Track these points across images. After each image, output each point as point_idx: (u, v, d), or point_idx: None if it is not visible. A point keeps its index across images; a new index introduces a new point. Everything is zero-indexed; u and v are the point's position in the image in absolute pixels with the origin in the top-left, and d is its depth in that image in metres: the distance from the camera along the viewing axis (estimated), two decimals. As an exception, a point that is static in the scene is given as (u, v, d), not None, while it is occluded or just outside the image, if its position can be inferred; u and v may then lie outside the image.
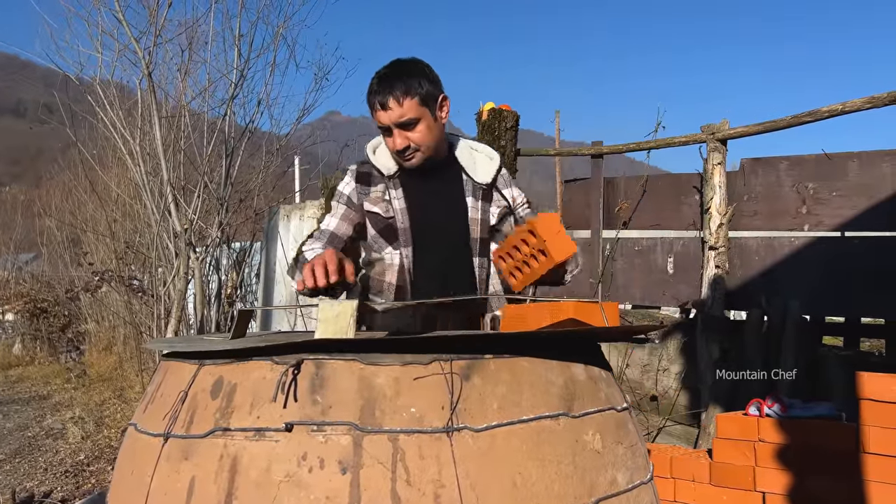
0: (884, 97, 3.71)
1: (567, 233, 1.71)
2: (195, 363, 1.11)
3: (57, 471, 4.62)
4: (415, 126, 1.85)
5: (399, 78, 1.82)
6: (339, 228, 1.98)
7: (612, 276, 4.86)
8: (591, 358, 1.28)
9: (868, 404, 2.44)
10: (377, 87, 1.83)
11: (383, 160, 1.97)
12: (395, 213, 1.94)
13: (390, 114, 1.82)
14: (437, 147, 1.92)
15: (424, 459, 0.99)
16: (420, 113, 1.84)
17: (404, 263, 1.94)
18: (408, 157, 1.89)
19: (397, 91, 1.81)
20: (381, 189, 1.97)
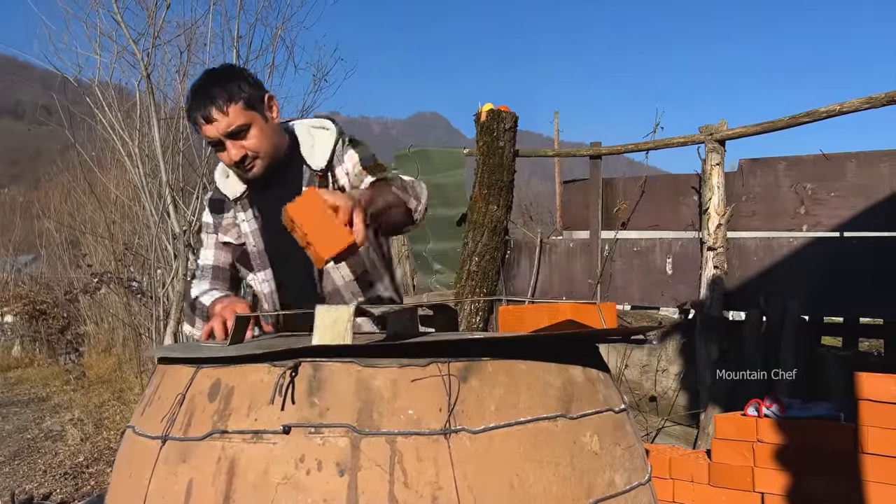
0: (881, 97, 3.71)
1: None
2: (192, 366, 1.11)
3: (56, 473, 4.62)
4: (247, 132, 1.71)
5: (217, 86, 1.69)
6: (217, 259, 1.89)
7: (611, 276, 4.86)
8: (589, 359, 1.28)
9: (867, 405, 2.44)
10: (195, 101, 1.69)
11: (231, 185, 1.85)
12: (244, 238, 1.84)
13: (217, 125, 1.68)
14: (277, 148, 1.78)
15: (422, 461, 0.99)
16: (249, 118, 1.71)
17: (265, 288, 1.85)
18: (248, 168, 1.74)
19: (219, 100, 1.67)
20: (230, 215, 1.86)
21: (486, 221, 5.01)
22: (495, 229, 5.02)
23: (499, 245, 5.07)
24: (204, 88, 1.69)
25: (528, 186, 22.75)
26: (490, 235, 5.01)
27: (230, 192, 1.84)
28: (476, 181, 5.11)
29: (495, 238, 5.03)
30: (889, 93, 3.69)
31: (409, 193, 1.66)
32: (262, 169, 1.76)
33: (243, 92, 1.70)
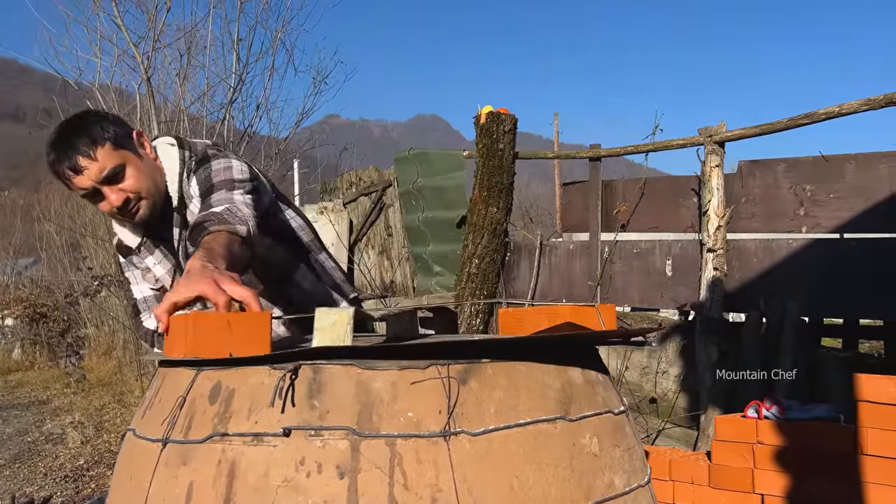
0: (880, 99, 3.72)
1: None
2: (193, 368, 1.11)
3: (57, 476, 4.62)
4: (122, 173, 1.57)
5: (76, 134, 1.55)
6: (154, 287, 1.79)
7: (611, 278, 4.86)
8: (589, 361, 1.29)
9: (866, 406, 2.45)
10: (58, 153, 1.54)
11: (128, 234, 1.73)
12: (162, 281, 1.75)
13: (88, 173, 1.54)
14: (158, 184, 1.64)
15: (422, 464, 0.99)
16: (121, 157, 1.57)
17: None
18: (134, 212, 1.60)
19: (82, 146, 1.53)
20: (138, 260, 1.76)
21: (486, 223, 5.01)
22: (495, 231, 5.03)
23: (499, 247, 5.07)
24: (63, 139, 1.54)
25: (528, 188, 22.77)
26: (490, 237, 5.02)
27: (130, 241, 1.72)
28: (476, 183, 5.12)
29: (495, 240, 5.04)
30: (887, 94, 3.69)
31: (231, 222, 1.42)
32: (149, 209, 1.62)
33: (107, 132, 1.56)
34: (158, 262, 1.71)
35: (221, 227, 1.38)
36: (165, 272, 1.72)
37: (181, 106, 5.80)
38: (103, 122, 1.58)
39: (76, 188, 1.58)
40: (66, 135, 1.55)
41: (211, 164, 1.61)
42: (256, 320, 1.10)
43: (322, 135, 8.96)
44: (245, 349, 1.07)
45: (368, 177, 6.65)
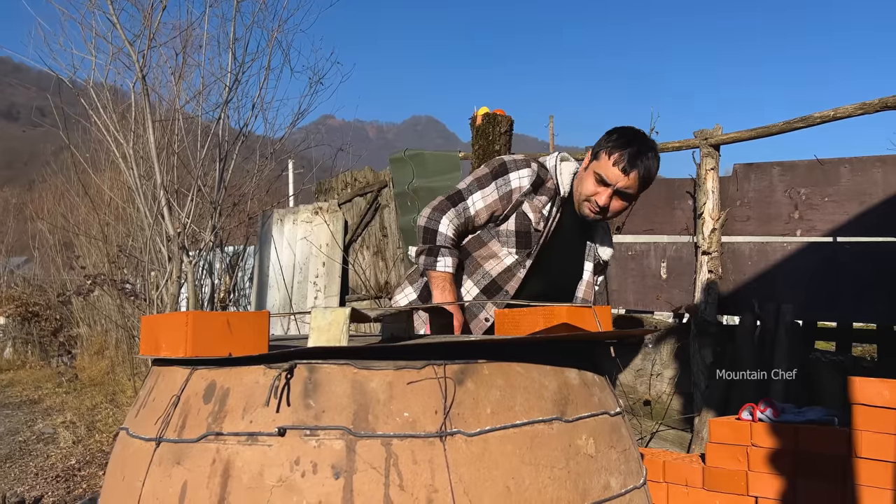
0: (875, 103, 3.73)
1: None
2: (187, 367, 1.11)
3: (48, 476, 4.59)
4: (624, 199, 1.97)
5: (648, 157, 1.93)
6: (478, 215, 2.01)
7: (606, 280, 4.86)
8: (585, 362, 1.28)
9: (860, 409, 2.45)
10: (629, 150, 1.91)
11: (565, 180, 2.04)
12: (543, 230, 2.00)
13: (622, 181, 1.92)
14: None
15: (417, 464, 0.99)
16: (636, 192, 1.98)
17: (515, 269, 2.00)
18: (592, 213, 1.98)
19: (643, 169, 1.92)
20: (543, 201, 2.01)
21: (482, 225, 5.00)
22: (490, 233, 5.02)
23: (494, 249, 5.06)
24: (642, 149, 1.92)
25: (523, 190, 22.80)
26: (485, 239, 5.01)
27: (564, 188, 2.03)
28: (471, 185, 5.10)
29: (490, 241, 5.03)
30: (882, 99, 3.71)
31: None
32: (593, 220, 2.02)
33: (651, 173, 1.96)
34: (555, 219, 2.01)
35: None
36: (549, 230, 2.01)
37: (176, 105, 5.78)
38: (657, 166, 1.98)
39: (606, 174, 1.93)
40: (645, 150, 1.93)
41: None
42: (255, 320, 1.09)
43: (317, 135, 8.94)
44: (243, 349, 1.07)
45: (364, 177, 6.64)
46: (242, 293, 7.44)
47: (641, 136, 1.97)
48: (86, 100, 5.43)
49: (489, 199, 1.99)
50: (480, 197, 2.00)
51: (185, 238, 5.32)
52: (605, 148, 1.94)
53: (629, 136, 1.95)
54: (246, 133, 5.98)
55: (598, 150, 1.96)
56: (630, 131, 1.97)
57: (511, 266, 1.99)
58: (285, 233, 6.80)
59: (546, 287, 2.05)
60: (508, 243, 1.99)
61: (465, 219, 1.99)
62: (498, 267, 1.99)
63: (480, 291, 2.00)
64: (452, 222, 1.97)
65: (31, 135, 27.13)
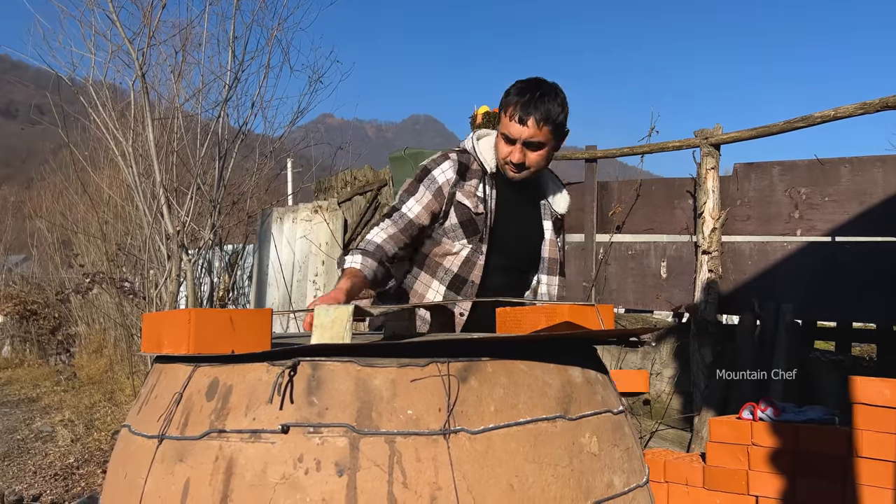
0: (875, 103, 3.73)
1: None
2: (190, 364, 1.10)
3: (46, 474, 4.59)
4: (538, 149, 1.91)
5: (543, 101, 1.86)
6: (418, 217, 1.98)
7: (606, 280, 4.86)
8: (588, 360, 1.28)
9: (861, 408, 2.45)
10: (521, 99, 1.86)
11: (487, 155, 2.01)
12: (485, 211, 1.98)
13: (523, 130, 1.87)
14: (541, 172, 2.03)
15: (421, 462, 0.98)
16: (548, 140, 1.91)
17: (473, 258, 1.99)
18: (516, 171, 1.95)
19: (540, 114, 1.85)
20: (474, 184, 2.00)
21: (481, 224, 4.99)
22: (490, 232, 5.01)
23: (494, 247, 5.06)
24: (533, 97, 1.86)
25: (523, 190, 22.76)
26: (485, 238, 5.00)
27: (489, 163, 2.00)
28: (471, 183, 5.10)
29: (490, 240, 5.02)
30: (883, 98, 3.71)
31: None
32: (520, 179, 1.97)
33: (558, 118, 1.89)
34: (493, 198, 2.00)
35: None
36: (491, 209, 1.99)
37: (176, 103, 5.76)
38: (563, 109, 1.90)
39: (509, 131, 1.89)
40: (539, 95, 1.86)
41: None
42: (258, 317, 1.09)
43: (316, 134, 8.91)
44: (246, 346, 1.06)
45: (363, 176, 6.63)
46: (242, 292, 7.43)
47: (536, 82, 1.91)
48: (85, 98, 5.41)
49: (424, 200, 1.98)
50: (415, 201, 1.99)
51: (184, 236, 5.30)
52: (502, 106, 1.92)
53: (521, 87, 1.89)
54: (245, 131, 5.97)
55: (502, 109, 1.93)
56: (523, 82, 1.92)
57: (468, 256, 1.98)
58: (285, 231, 6.79)
59: (511, 261, 2.04)
60: (457, 236, 1.98)
61: (405, 223, 1.96)
62: (457, 260, 1.99)
63: (447, 288, 2.00)
64: (385, 230, 1.94)
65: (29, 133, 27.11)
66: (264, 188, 7.55)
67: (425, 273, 2.03)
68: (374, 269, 1.86)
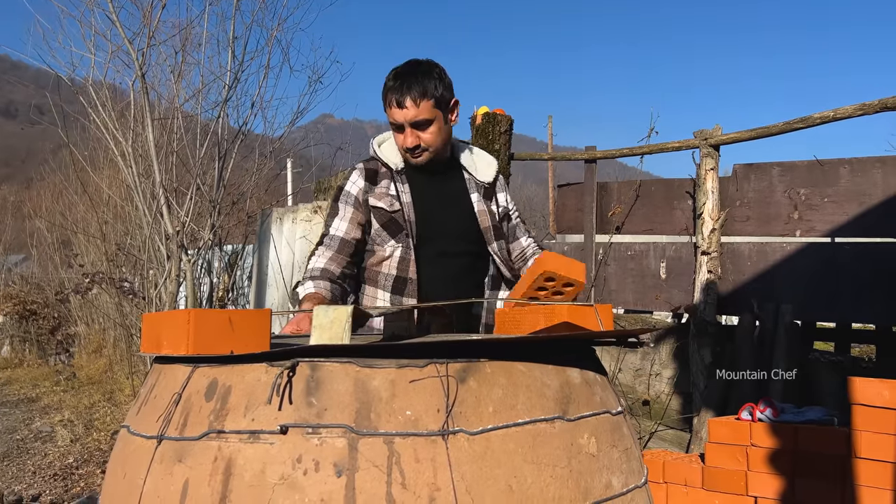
0: (875, 104, 3.73)
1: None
2: (189, 365, 1.10)
3: (45, 474, 4.59)
4: (427, 127, 1.91)
5: (416, 79, 1.87)
6: (348, 233, 2.00)
7: (605, 280, 4.86)
8: (587, 361, 1.28)
9: (860, 409, 2.45)
10: (395, 84, 1.88)
11: (390, 155, 2.02)
12: (401, 207, 1.98)
13: (405, 112, 1.88)
14: (444, 148, 2.00)
15: (420, 462, 0.98)
16: (434, 115, 1.90)
17: (406, 255, 1.98)
18: (416, 155, 1.95)
19: (415, 92, 1.86)
20: (385, 185, 2.01)
21: (481, 224, 5.00)
22: (490, 232, 5.01)
23: (493, 248, 5.06)
24: (406, 77, 1.87)
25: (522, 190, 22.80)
26: (484, 238, 5.00)
27: (393, 161, 2.00)
28: (471, 184, 5.10)
29: (490, 241, 5.02)
30: (882, 100, 3.71)
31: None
32: (427, 160, 1.96)
33: (437, 91, 1.89)
34: (406, 192, 1.99)
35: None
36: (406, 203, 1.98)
37: (175, 103, 5.77)
38: (439, 81, 1.90)
39: (391, 118, 1.91)
40: (410, 76, 1.87)
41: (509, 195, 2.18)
42: (257, 318, 1.09)
43: (316, 134, 8.92)
44: (245, 347, 1.06)
45: (363, 176, 6.62)
46: (241, 292, 7.43)
47: (408, 65, 1.92)
48: (84, 98, 5.42)
49: (347, 216, 2.00)
50: (339, 220, 2.01)
51: (183, 237, 5.31)
52: (382, 99, 1.93)
53: (395, 73, 1.90)
54: (245, 132, 5.98)
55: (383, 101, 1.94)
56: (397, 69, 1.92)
57: (402, 255, 1.98)
58: (284, 231, 6.80)
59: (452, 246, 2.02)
60: (384, 239, 1.99)
61: (338, 243, 1.98)
62: (392, 262, 1.99)
63: (392, 294, 1.99)
64: (322, 255, 1.98)
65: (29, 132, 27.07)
66: (264, 188, 7.56)
67: (369, 286, 2.04)
68: (329, 289, 1.92)
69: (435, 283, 1.99)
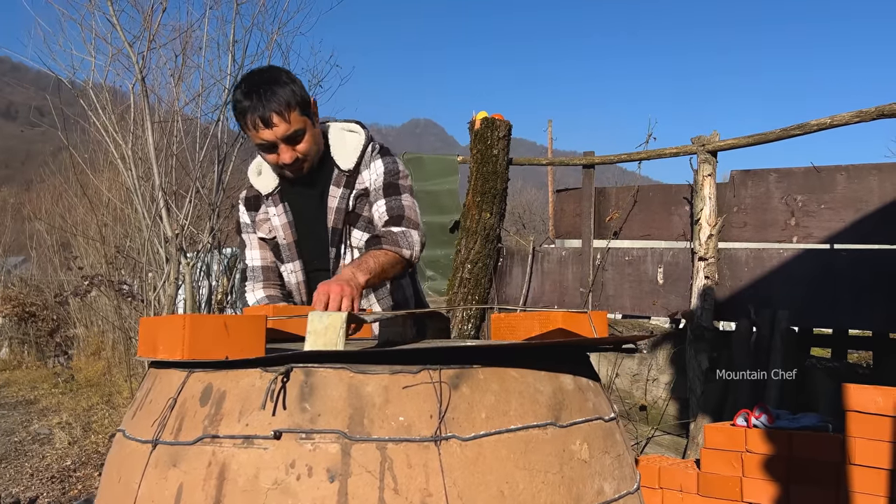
0: (871, 112, 3.75)
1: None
2: (184, 370, 1.11)
3: (43, 476, 4.59)
4: (302, 137, 1.76)
5: (272, 90, 1.69)
6: (264, 258, 1.98)
7: (603, 285, 4.87)
8: (580, 368, 1.29)
9: (854, 416, 2.46)
10: (251, 102, 1.68)
11: (255, 181, 1.94)
12: (275, 231, 1.92)
13: (275, 130, 1.70)
14: (320, 150, 1.86)
15: (412, 468, 0.99)
16: (304, 123, 1.75)
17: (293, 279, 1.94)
18: (296, 169, 1.80)
19: (277, 105, 1.68)
20: (263, 210, 1.95)
21: (479, 229, 5.02)
22: (488, 237, 5.04)
23: (491, 252, 5.08)
24: (259, 91, 1.68)
25: (521, 194, 22.82)
26: (483, 243, 5.03)
27: (263, 187, 1.91)
28: (469, 188, 5.13)
29: (488, 245, 5.05)
30: (879, 107, 3.73)
31: (401, 246, 1.76)
32: (308, 169, 1.82)
33: (297, 96, 1.72)
34: (279, 214, 1.87)
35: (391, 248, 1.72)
36: (281, 225, 1.88)
37: (175, 106, 5.78)
38: (294, 85, 1.72)
39: (258, 138, 1.73)
40: (261, 89, 1.67)
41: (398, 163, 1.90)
42: (252, 324, 1.10)
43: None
44: (241, 352, 1.07)
45: (362, 180, 6.63)
46: (239, 295, 7.43)
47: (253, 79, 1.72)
48: (85, 100, 5.43)
49: (254, 243, 1.99)
50: (250, 250, 2.00)
51: (182, 240, 5.32)
52: (238, 119, 1.76)
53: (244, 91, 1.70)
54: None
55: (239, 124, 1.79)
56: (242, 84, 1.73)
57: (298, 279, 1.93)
58: (283, 235, 6.79)
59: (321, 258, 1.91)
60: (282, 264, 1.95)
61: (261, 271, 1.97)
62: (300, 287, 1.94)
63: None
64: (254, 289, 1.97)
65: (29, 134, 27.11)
66: (263, 192, 7.55)
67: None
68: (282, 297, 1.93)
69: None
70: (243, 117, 1.72)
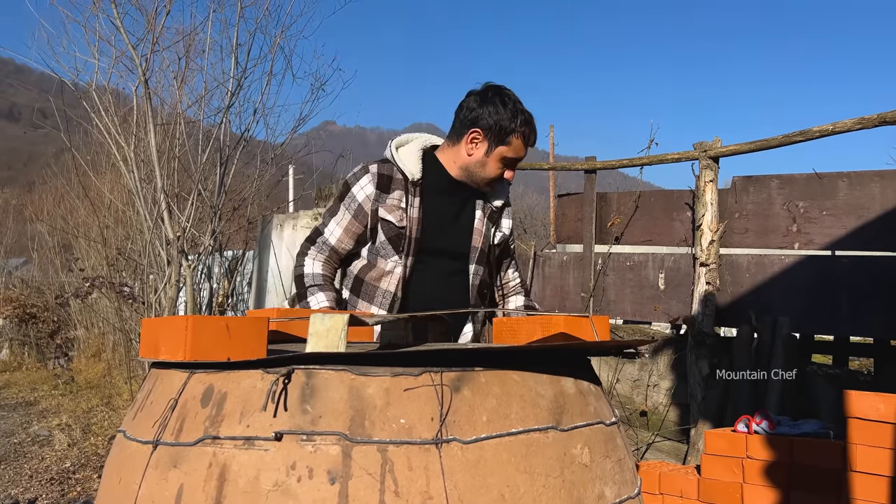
0: (873, 118, 3.75)
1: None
2: (186, 371, 1.11)
3: (42, 478, 4.58)
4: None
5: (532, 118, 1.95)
6: (340, 242, 1.97)
7: (604, 290, 4.87)
8: (581, 372, 1.29)
9: (856, 423, 2.45)
10: (530, 123, 1.93)
11: (409, 163, 1.96)
12: (407, 223, 1.93)
13: (525, 152, 1.97)
14: None
15: (413, 471, 0.99)
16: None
17: (405, 273, 1.94)
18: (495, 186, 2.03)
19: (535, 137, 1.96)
20: (397, 196, 1.94)
21: (481, 233, 5.00)
22: (489, 241, 5.02)
23: (492, 257, 5.06)
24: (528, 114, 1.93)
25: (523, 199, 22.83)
26: (484, 247, 5.01)
27: (411, 171, 1.95)
28: (471, 193, 5.11)
29: (489, 250, 5.03)
30: (881, 114, 3.73)
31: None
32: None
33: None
34: (416, 206, 1.94)
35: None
36: (416, 218, 1.95)
37: (178, 109, 5.80)
38: None
39: (512, 151, 1.93)
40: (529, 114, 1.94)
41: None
42: (254, 325, 1.10)
43: (318, 141, 8.94)
44: (242, 353, 1.07)
45: (364, 184, 6.63)
46: (241, 298, 7.43)
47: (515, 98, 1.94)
48: (87, 102, 5.44)
49: (344, 223, 1.96)
50: (335, 224, 1.97)
51: (184, 242, 5.32)
52: (516, 132, 1.91)
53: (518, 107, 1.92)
54: (247, 138, 6.00)
55: (506, 136, 1.91)
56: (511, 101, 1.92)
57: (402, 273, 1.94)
58: (285, 238, 6.81)
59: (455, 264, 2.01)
60: (388, 253, 1.94)
61: (329, 251, 1.97)
62: (393, 279, 1.94)
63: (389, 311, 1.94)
64: (317, 259, 1.97)
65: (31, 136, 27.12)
66: (265, 195, 7.58)
67: (363, 301, 1.97)
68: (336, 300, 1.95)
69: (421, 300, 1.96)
70: (522, 126, 1.91)
